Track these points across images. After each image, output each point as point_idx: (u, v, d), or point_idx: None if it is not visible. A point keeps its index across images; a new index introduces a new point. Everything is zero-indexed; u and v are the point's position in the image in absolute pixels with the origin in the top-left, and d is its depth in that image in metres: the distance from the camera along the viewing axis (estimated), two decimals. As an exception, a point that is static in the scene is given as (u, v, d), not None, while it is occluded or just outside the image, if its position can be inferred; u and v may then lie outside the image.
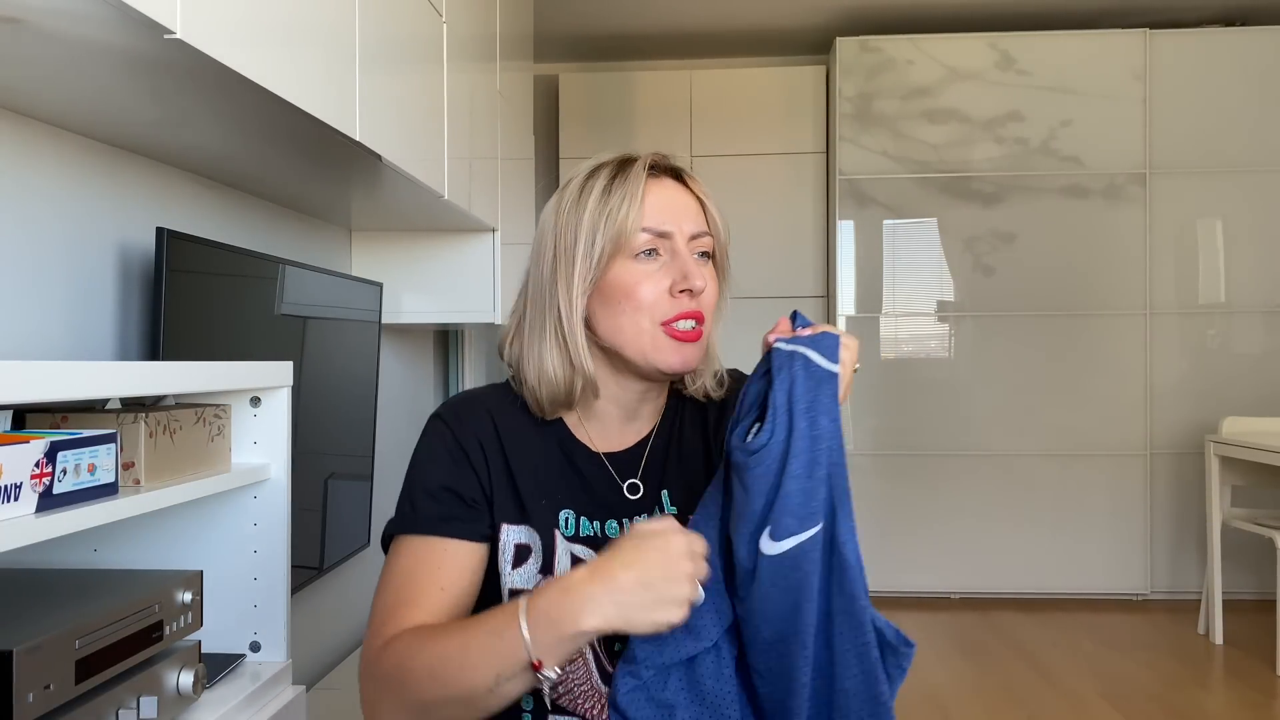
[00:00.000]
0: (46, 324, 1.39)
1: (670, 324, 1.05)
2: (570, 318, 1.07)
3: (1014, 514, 4.22)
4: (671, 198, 1.08)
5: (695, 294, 1.05)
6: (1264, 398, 4.10)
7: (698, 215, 1.09)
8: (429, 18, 2.02)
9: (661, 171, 1.10)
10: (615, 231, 1.05)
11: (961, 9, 4.18)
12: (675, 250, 1.06)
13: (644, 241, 1.05)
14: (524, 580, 1.04)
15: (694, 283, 1.04)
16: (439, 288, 2.67)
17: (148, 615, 1.03)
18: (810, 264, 4.55)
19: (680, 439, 1.14)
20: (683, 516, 1.08)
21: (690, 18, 4.25)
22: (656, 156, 1.10)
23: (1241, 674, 3.32)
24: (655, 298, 1.05)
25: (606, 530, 1.08)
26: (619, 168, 1.08)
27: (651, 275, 1.05)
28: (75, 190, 1.45)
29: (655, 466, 1.12)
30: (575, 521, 1.07)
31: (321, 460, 2.15)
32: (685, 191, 1.10)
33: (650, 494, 1.11)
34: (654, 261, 1.06)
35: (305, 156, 1.70)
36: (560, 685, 1.02)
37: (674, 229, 1.06)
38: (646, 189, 1.07)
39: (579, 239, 1.06)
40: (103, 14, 0.93)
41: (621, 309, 1.05)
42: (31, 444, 0.85)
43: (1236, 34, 4.19)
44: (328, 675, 2.36)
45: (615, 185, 1.07)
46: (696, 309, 1.06)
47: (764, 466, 0.90)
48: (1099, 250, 4.21)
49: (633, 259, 1.05)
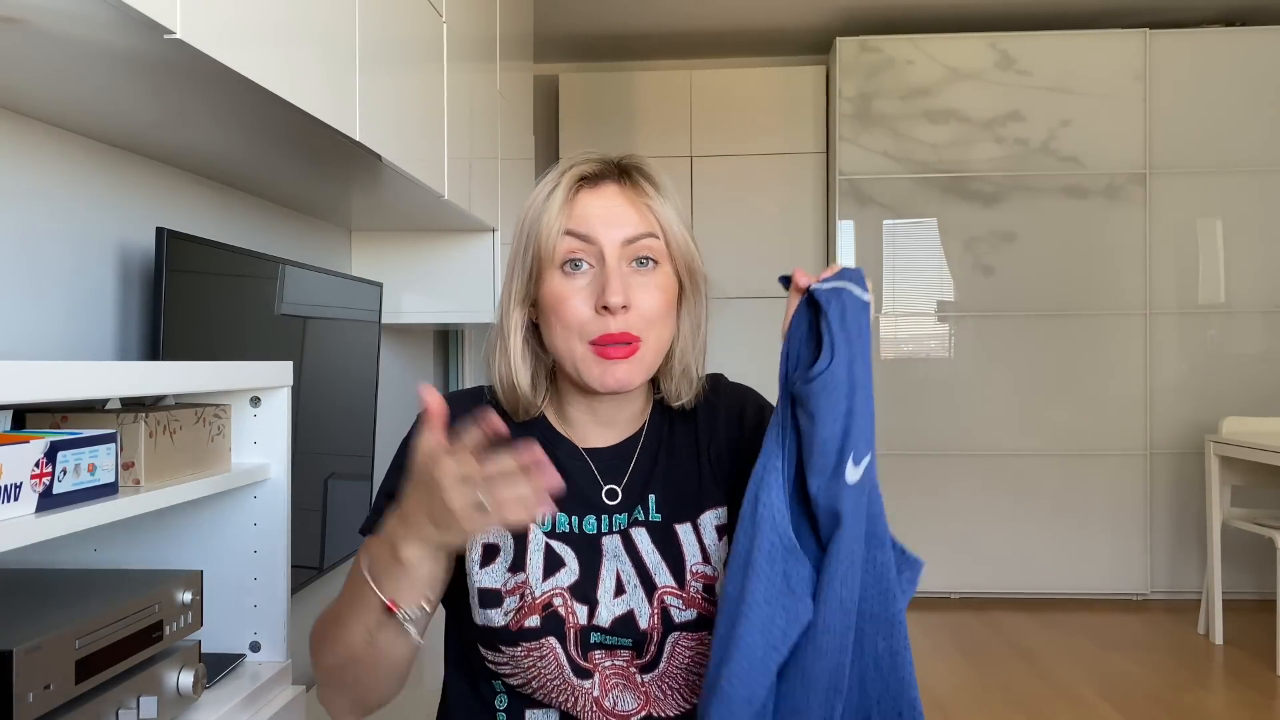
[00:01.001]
0: (46, 324, 1.39)
1: (597, 344, 1.00)
2: (508, 329, 1.06)
3: (1014, 514, 4.22)
4: (604, 204, 1.03)
5: (614, 310, 0.98)
6: (1264, 398, 4.10)
7: (635, 219, 1.02)
8: (429, 18, 2.02)
9: (601, 178, 1.05)
10: (539, 242, 1.02)
11: (961, 9, 4.18)
12: (603, 259, 1.01)
13: (566, 250, 1.01)
14: (492, 579, 1.03)
15: (610, 299, 0.98)
16: (439, 288, 2.67)
17: (148, 615, 1.03)
18: (810, 264, 4.54)
19: (671, 446, 1.11)
20: (667, 523, 1.07)
21: (690, 18, 4.25)
22: (587, 166, 1.05)
23: (1241, 674, 3.32)
24: (581, 315, 1.00)
25: (584, 526, 1.06)
26: (558, 178, 1.05)
27: (578, 291, 1.01)
28: (75, 190, 1.45)
29: (642, 469, 1.10)
30: (552, 516, 1.05)
31: (321, 460, 2.15)
32: (624, 196, 1.04)
33: (629, 499, 1.08)
34: (583, 275, 1.01)
35: (305, 156, 1.70)
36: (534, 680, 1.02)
37: (599, 234, 1.01)
38: (577, 196, 1.03)
39: (518, 252, 1.05)
40: (103, 14, 0.93)
41: (554, 325, 1.02)
42: (31, 444, 0.85)
43: (1236, 34, 4.19)
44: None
45: (551, 195, 1.04)
46: (621, 329, 0.99)
47: (830, 392, 0.92)
48: (1099, 250, 4.21)
49: (560, 272, 1.02)
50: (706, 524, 1.08)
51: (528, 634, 1.01)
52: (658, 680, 1.04)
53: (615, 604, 1.03)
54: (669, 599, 1.04)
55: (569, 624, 1.02)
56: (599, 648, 1.02)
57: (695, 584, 1.04)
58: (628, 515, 1.08)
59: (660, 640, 1.03)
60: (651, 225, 1.03)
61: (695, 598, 1.04)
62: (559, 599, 1.02)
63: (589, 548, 1.05)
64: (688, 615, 1.03)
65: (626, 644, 1.03)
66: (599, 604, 1.03)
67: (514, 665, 1.02)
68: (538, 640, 1.01)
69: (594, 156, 1.07)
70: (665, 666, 1.04)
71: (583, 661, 1.02)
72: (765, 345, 4.49)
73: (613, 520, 1.07)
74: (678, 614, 1.03)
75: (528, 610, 1.01)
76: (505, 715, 1.05)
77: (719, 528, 1.08)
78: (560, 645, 1.01)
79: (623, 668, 1.03)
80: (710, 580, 1.05)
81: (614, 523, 1.07)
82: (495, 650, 1.03)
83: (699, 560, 1.05)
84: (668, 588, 1.04)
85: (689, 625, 1.03)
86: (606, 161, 1.06)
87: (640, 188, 1.05)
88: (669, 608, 1.03)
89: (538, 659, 1.01)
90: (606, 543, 1.06)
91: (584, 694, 1.02)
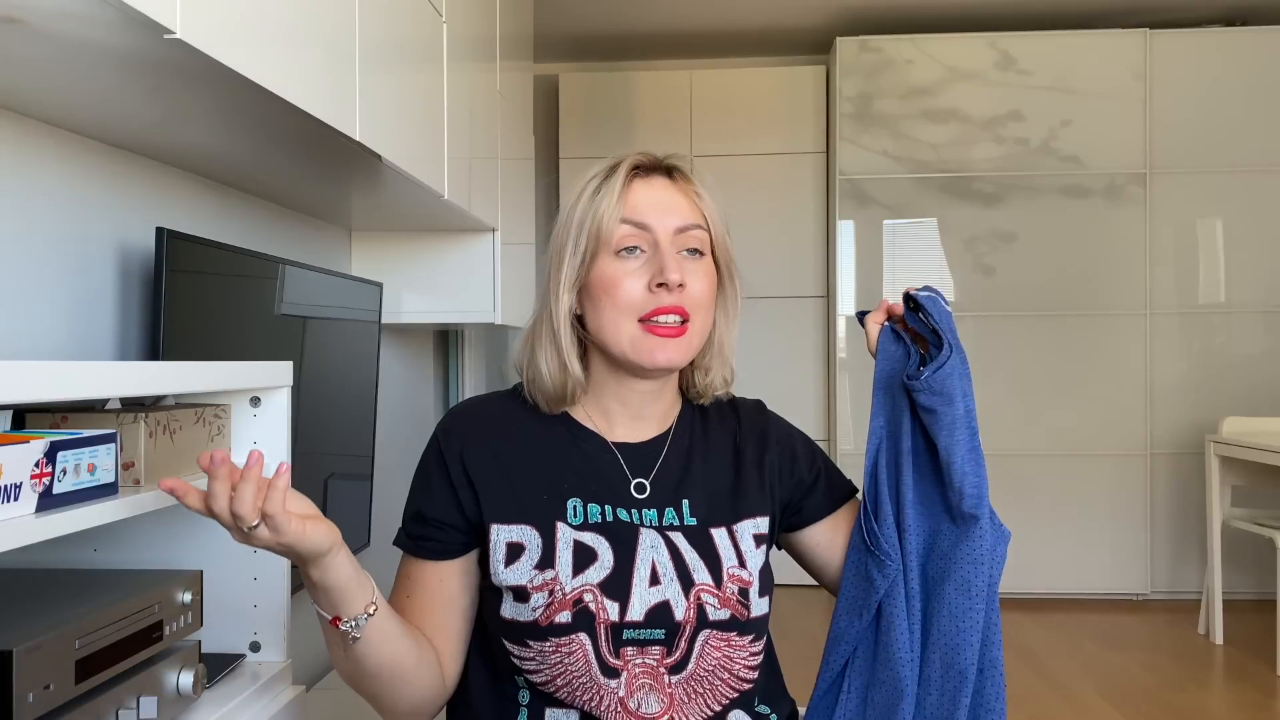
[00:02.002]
0: (46, 324, 1.39)
1: (649, 320, 1.05)
2: (557, 316, 1.09)
3: (1014, 514, 4.19)
4: (657, 194, 1.09)
5: (672, 288, 1.05)
6: (1264, 398, 4.10)
7: (687, 210, 1.09)
8: (429, 18, 2.02)
9: (652, 170, 1.11)
10: (595, 227, 1.07)
11: (961, 9, 4.18)
12: (656, 245, 1.06)
13: (623, 235, 1.07)
14: (517, 577, 1.04)
15: (669, 276, 1.04)
16: (439, 288, 2.67)
17: (148, 615, 1.03)
18: (810, 264, 4.55)
19: (706, 449, 1.15)
20: (704, 526, 1.09)
21: (690, 18, 4.25)
22: (641, 157, 1.11)
23: (1241, 674, 3.32)
24: (634, 293, 1.06)
25: (618, 515, 1.08)
26: (610, 170, 1.10)
27: (632, 272, 1.06)
28: (75, 190, 1.45)
29: (672, 470, 1.12)
30: (584, 509, 1.07)
31: (321, 460, 2.15)
32: (675, 188, 1.10)
33: (659, 496, 1.10)
34: (636, 259, 1.07)
35: (305, 156, 1.70)
36: (560, 678, 1.02)
37: (654, 222, 1.07)
38: (631, 187, 1.08)
39: (567, 240, 1.09)
40: (103, 14, 0.93)
41: (604, 306, 1.07)
42: (31, 444, 0.84)
43: (1236, 34, 4.19)
44: (328, 675, 2.35)
45: (603, 186, 1.08)
46: (676, 304, 1.06)
47: (957, 372, 1.10)
48: (1099, 250, 4.21)
49: (614, 256, 1.07)
50: (744, 532, 1.11)
51: (558, 629, 1.02)
52: (685, 683, 1.04)
53: (650, 593, 1.04)
54: (705, 596, 1.05)
55: (599, 619, 1.02)
56: (631, 644, 1.03)
57: (731, 585, 1.07)
58: (658, 513, 1.09)
59: (691, 636, 1.04)
60: (699, 217, 1.10)
61: (730, 599, 1.06)
62: (589, 595, 1.03)
63: (625, 537, 1.06)
64: (721, 614, 1.05)
65: (659, 636, 1.03)
66: (632, 594, 1.04)
67: (540, 661, 1.03)
68: (567, 636, 1.02)
69: (644, 152, 1.13)
70: (694, 668, 1.04)
71: (612, 659, 1.02)
72: (766, 345, 4.50)
73: (643, 515, 1.08)
74: (712, 611, 1.05)
75: (558, 606, 1.02)
76: (527, 711, 1.06)
77: (756, 536, 1.11)
78: (590, 641, 1.02)
79: (652, 667, 1.03)
80: (745, 584, 1.08)
81: (644, 517, 1.08)
82: (522, 645, 1.04)
83: (735, 564, 1.08)
84: (705, 585, 1.06)
85: (721, 624, 1.05)
86: (655, 157, 1.13)
87: (690, 180, 1.12)
88: (705, 604, 1.05)
89: (566, 655, 1.02)
90: (644, 535, 1.07)
91: (609, 693, 1.02)
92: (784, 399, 2.09)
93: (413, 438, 3.15)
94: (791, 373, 4.53)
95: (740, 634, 1.07)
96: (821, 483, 1.20)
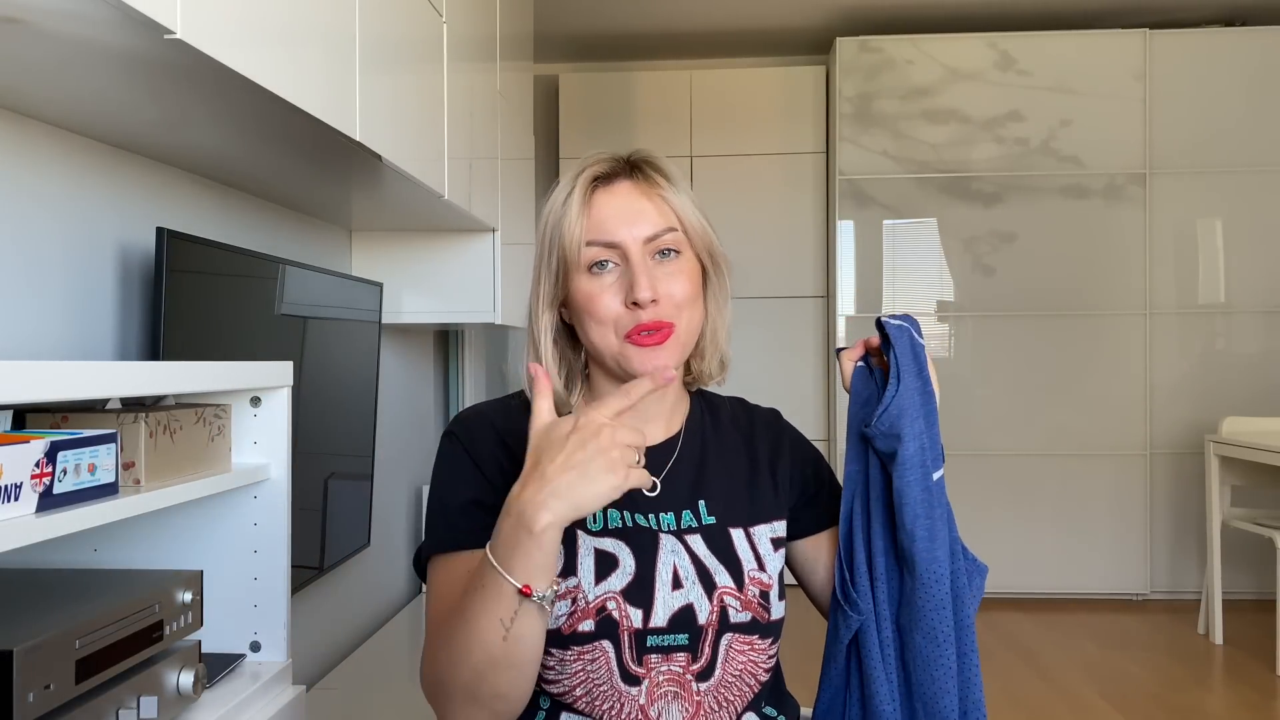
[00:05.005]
0: (46, 324, 1.39)
1: (632, 336, 1.04)
2: (536, 335, 1.09)
3: (1014, 514, 4.22)
4: (620, 203, 1.06)
5: (644, 305, 1.02)
6: (1264, 398, 4.10)
7: (654, 215, 1.05)
8: (429, 18, 2.02)
9: (614, 177, 1.08)
10: (562, 251, 1.05)
11: (961, 9, 4.18)
12: (627, 257, 1.04)
13: (592, 256, 1.04)
14: None
15: (640, 295, 1.01)
16: (439, 288, 2.67)
17: (148, 615, 1.03)
18: (810, 264, 4.55)
19: (720, 449, 1.15)
20: (722, 525, 1.09)
21: (690, 18, 4.25)
22: (600, 166, 1.08)
23: (1241, 674, 3.32)
24: (613, 309, 1.04)
25: (635, 519, 1.07)
26: (573, 181, 1.07)
27: (608, 287, 1.04)
28: (75, 190, 1.45)
29: (686, 470, 1.12)
30: (603, 514, 1.06)
31: (321, 460, 2.15)
32: (639, 191, 1.07)
33: (675, 498, 1.10)
34: (610, 273, 1.04)
35: (305, 156, 1.70)
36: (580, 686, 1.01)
37: (621, 237, 1.04)
38: (592, 201, 1.06)
39: (541, 259, 1.08)
40: (103, 14, 0.93)
41: (587, 323, 1.06)
42: (31, 444, 0.84)
43: (1236, 34, 4.19)
44: (328, 675, 2.35)
45: (566, 202, 1.06)
46: (654, 319, 1.03)
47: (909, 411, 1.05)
48: (1099, 250, 4.21)
49: (587, 273, 1.05)
50: (761, 535, 1.11)
51: (580, 638, 1.01)
52: (713, 691, 1.03)
53: (673, 597, 1.03)
54: (728, 599, 1.05)
55: (623, 627, 1.01)
56: (655, 650, 1.02)
57: (752, 588, 1.07)
58: (675, 515, 1.08)
59: (715, 640, 1.04)
60: (669, 218, 1.06)
61: (752, 601, 1.06)
62: (612, 603, 1.02)
63: (644, 542, 1.05)
64: (743, 617, 1.05)
65: (683, 641, 1.02)
66: (655, 600, 1.03)
67: (560, 669, 1.02)
68: (590, 644, 1.01)
69: (604, 156, 1.10)
70: (721, 674, 1.04)
71: (635, 667, 1.01)
72: (765, 345, 4.50)
73: (660, 518, 1.08)
74: (734, 614, 1.05)
75: (580, 615, 1.01)
76: (544, 714, 1.05)
77: (774, 540, 1.11)
78: (614, 649, 1.01)
79: (678, 674, 1.02)
80: (766, 587, 1.07)
81: (661, 521, 1.08)
82: (544, 653, 1.01)
83: (755, 567, 1.08)
84: (727, 588, 1.05)
85: (742, 627, 1.05)
86: (616, 159, 1.09)
87: (653, 180, 1.08)
88: (728, 607, 1.04)
89: (588, 663, 1.01)
90: (664, 539, 1.06)
91: (630, 701, 1.01)
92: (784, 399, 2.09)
93: (413, 438, 3.15)
94: (791, 373, 4.53)
95: (761, 637, 1.06)
96: (821, 499, 1.19)
